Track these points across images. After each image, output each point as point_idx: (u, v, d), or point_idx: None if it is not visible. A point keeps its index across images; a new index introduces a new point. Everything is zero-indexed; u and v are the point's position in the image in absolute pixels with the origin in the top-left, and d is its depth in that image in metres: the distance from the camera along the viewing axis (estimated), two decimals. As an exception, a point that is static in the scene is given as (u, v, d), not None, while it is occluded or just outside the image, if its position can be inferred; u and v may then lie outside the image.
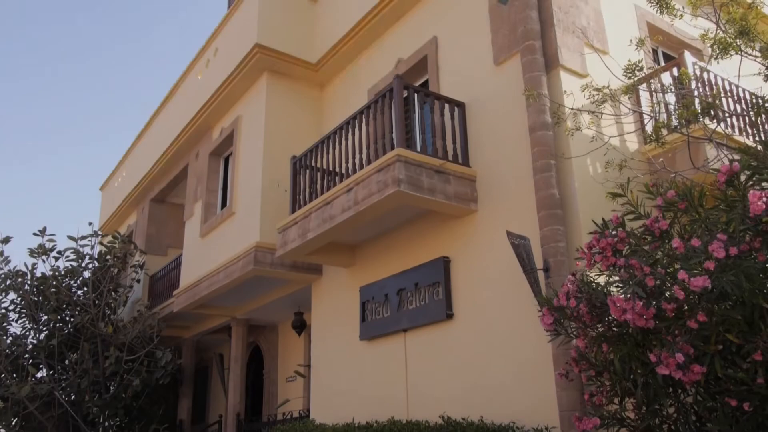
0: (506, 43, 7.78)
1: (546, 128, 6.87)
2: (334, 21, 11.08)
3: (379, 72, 10.07)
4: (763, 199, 3.55)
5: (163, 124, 15.30)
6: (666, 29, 8.58)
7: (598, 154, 6.85)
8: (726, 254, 3.48)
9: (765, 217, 3.55)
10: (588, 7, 7.90)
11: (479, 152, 7.87)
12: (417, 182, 7.30)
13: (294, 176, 9.44)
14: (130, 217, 17.90)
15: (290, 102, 11.29)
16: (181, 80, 14.36)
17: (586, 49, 7.56)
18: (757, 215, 3.56)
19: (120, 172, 18.50)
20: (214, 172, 12.91)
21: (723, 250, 3.48)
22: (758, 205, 3.52)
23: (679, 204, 4.13)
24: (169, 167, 15.07)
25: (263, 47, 10.85)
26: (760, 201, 3.54)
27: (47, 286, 13.76)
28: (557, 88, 7.13)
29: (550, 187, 6.66)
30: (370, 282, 9.04)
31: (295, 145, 10.72)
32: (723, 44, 6.09)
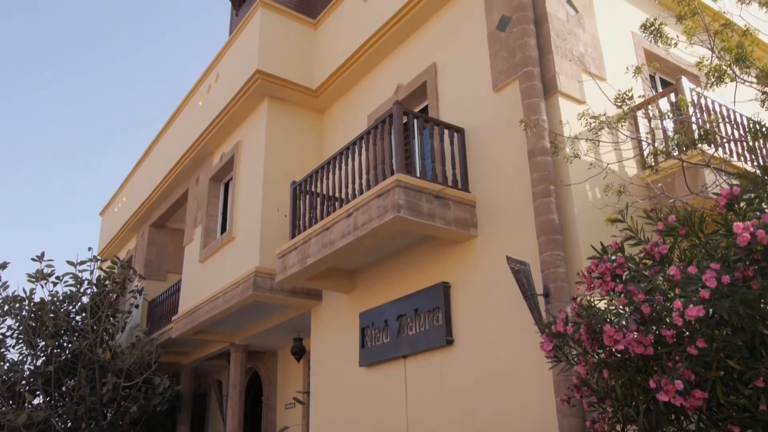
0: (505, 69, 7.85)
1: (545, 154, 6.90)
2: (335, 47, 11.18)
3: (379, 98, 10.14)
4: (750, 229, 3.56)
5: (163, 149, 15.36)
6: (663, 56, 8.66)
7: (597, 180, 6.87)
8: (718, 283, 3.49)
9: (757, 247, 3.56)
10: (585, 35, 7.98)
11: (479, 177, 7.90)
12: (417, 207, 7.31)
13: (294, 201, 9.45)
14: (129, 242, 17.89)
15: (290, 127, 11.35)
16: (182, 106, 14.45)
17: (584, 75, 7.63)
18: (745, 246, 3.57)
19: (120, 197, 18.53)
20: (215, 197, 12.93)
21: (715, 280, 3.49)
22: (744, 237, 3.54)
23: (680, 229, 4.14)
24: (170, 192, 15.09)
25: (264, 73, 10.94)
26: (746, 232, 3.55)
27: (45, 311, 13.71)
28: (555, 113, 7.18)
29: (549, 212, 6.67)
30: (370, 308, 9.00)
31: (295, 170, 10.75)
32: (719, 72, 6.15)
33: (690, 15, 6.49)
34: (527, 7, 7.65)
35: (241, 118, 11.94)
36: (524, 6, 7.65)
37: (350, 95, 11.10)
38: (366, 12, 10.49)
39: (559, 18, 7.75)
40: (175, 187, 14.79)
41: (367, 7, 10.53)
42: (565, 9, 7.91)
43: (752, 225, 3.58)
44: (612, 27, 8.47)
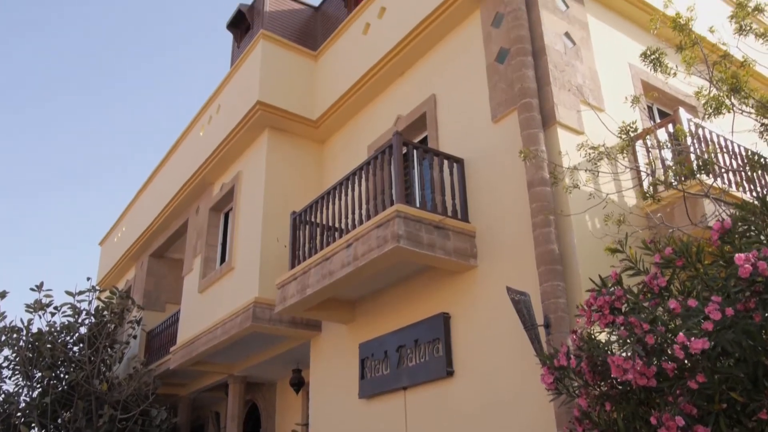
0: (503, 100, 7.91)
1: (544, 184, 6.92)
2: (335, 79, 11.29)
3: (379, 128, 10.21)
4: (751, 260, 3.55)
5: (164, 179, 15.41)
6: (660, 86, 8.74)
7: (596, 210, 6.88)
8: (722, 316, 3.47)
9: (758, 278, 3.55)
10: (583, 66, 8.06)
11: (478, 208, 7.91)
12: (416, 238, 7.30)
13: (294, 231, 9.45)
14: (128, 272, 17.85)
15: (291, 158, 11.40)
16: (183, 136, 14.54)
17: (582, 106, 7.68)
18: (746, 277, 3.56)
19: (120, 227, 18.54)
20: (214, 227, 12.94)
21: (719, 312, 3.47)
22: (746, 268, 3.53)
23: (677, 261, 4.13)
24: (169, 222, 15.10)
25: (265, 104, 11.03)
26: (747, 264, 3.54)
27: (42, 342, 13.60)
28: (554, 144, 7.22)
29: (549, 242, 6.67)
30: (370, 338, 8.94)
31: (295, 200, 10.78)
32: (717, 102, 6.19)
33: (689, 45, 6.55)
34: (525, 39, 7.74)
35: (241, 148, 12.01)
36: (522, 39, 7.74)
37: (350, 126, 11.17)
38: (366, 44, 10.62)
39: (556, 50, 7.83)
40: (175, 217, 14.81)
41: (367, 40, 10.66)
42: (562, 41, 8.00)
43: (753, 256, 3.57)
44: (609, 59, 8.55)
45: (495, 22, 8.40)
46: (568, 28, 8.21)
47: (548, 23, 7.95)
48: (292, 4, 13.72)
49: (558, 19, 8.13)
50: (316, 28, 13.57)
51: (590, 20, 8.64)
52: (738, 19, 6.53)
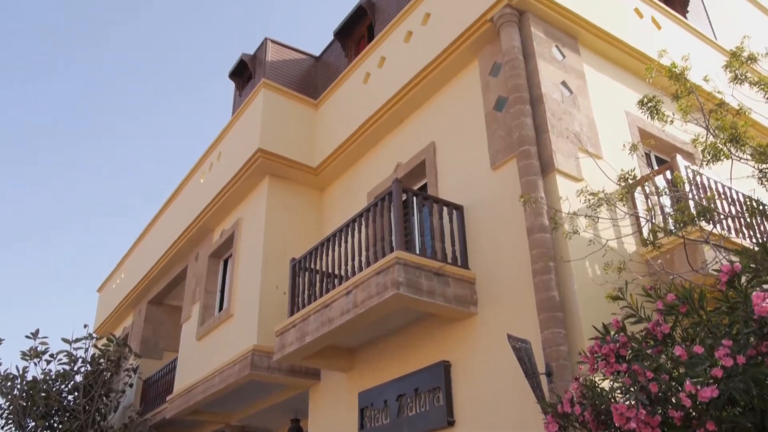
0: (502, 147, 7.98)
1: (544, 231, 6.93)
2: (335, 127, 11.41)
3: (379, 175, 10.27)
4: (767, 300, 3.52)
5: (164, 226, 15.43)
6: (657, 134, 8.82)
7: (596, 256, 6.87)
8: (734, 362, 3.41)
9: None
10: (581, 114, 8.16)
11: (478, 255, 7.90)
12: (416, 285, 7.27)
13: (293, 278, 9.42)
14: (126, 319, 17.70)
15: (290, 205, 11.45)
16: (184, 183, 14.62)
17: (581, 153, 7.75)
18: (763, 317, 3.52)
19: (118, 274, 18.47)
20: (214, 274, 12.89)
21: (730, 358, 3.42)
22: (763, 307, 3.49)
23: (680, 308, 4.10)
24: (169, 269, 15.06)
25: (265, 152, 11.13)
26: (764, 302, 3.51)
27: (36, 390, 13.41)
28: (553, 191, 7.25)
29: (549, 289, 6.64)
30: (369, 387, 8.82)
31: (294, 247, 10.77)
32: (714, 150, 6.25)
33: (685, 94, 6.64)
34: (523, 88, 7.86)
35: (241, 195, 12.06)
36: (520, 87, 7.86)
37: (350, 173, 11.24)
38: (366, 93, 10.77)
39: (554, 99, 7.94)
40: (175, 264, 14.77)
41: (367, 89, 10.82)
42: (560, 90, 8.12)
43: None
44: (606, 107, 8.66)
45: (493, 71, 8.54)
46: (565, 77, 8.34)
47: (545, 72, 8.08)
48: (293, 54, 13.96)
49: (555, 69, 8.27)
50: (316, 77, 13.78)
51: (586, 69, 8.78)
52: (733, 69, 6.64)
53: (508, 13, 8.34)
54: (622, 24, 9.41)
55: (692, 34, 10.87)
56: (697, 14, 11.98)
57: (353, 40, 13.14)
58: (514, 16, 8.37)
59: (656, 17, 10.26)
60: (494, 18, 8.45)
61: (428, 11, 9.88)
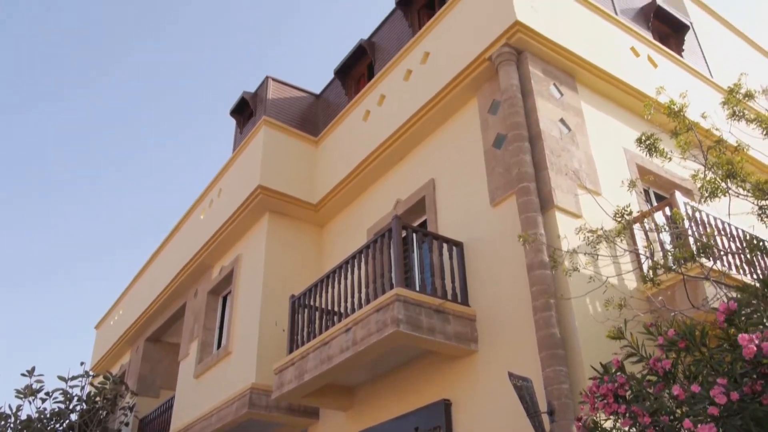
0: (501, 184, 8.01)
1: (544, 267, 6.91)
2: (335, 163, 11.47)
3: (379, 212, 10.29)
4: (755, 341, 3.50)
5: (163, 262, 15.40)
6: (656, 170, 8.87)
7: (597, 293, 6.84)
8: (728, 400, 3.39)
9: (764, 360, 3.48)
10: (579, 151, 8.21)
11: (478, 291, 7.86)
12: (416, 322, 7.23)
13: (292, 315, 9.36)
14: (124, 356, 17.54)
15: (290, 241, 11.44)
16: (184, 220, 14.63)
17: (579, 190, 7.77)
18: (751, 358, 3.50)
19: (116, 311, 18.37)
20: (213, 311, 12.82)
21: (724, 396, 3.39)
22: (750, 348, 3.48)
23: (679, 343, 4.07)
24: (167, 306, 14.98)
25: (266, 188, 11.17)
26: (751, 344, 3.49)
27: (31, 429, 13.22)
28: (553, 227, 7.26)
29: (550, 326, 6.60)
30: (369, 426, 8.69)
31: (294, 283, 10.73)
32: (712, 186, 6.26)
33: (684, 131, 6.68)
34: (521, 126, 7.93)
35: (241, 231, 12.07)
36: (518, 125, 7.92)
37: (350, 210, 11.27)
38: (366, 130, 10.86)
39: (552, 136, 8.00)
40: (173, 301, 14.70)
41: (367, 126, 10.91)
42: (558, 127, 8.19)
43: (757, 337, 3.52)
44: (604, 144, 8.72)
45: (492, 109, 8.62)
46: (563, 114, 8.41)
47: (543, 110, 8.15)
48: (293, 92, 14.11)
49: (553, 107, 8.35)
50: (317, 114, 13.91)
51: (584, 107, 8.87)
52: (730, 106, 6.69)
53: (506, 52, 8.45)
54: (618, 62, 9.54)
55: (688, 72, 11.01)
56: (693, 52, 12.15)
57: (353, 79, 13.29)
58: (512, 55, 8.48)
59: (652, 56, 10.40)
60: (492, 57, 8.56)
61: (427, 50, 10.02)
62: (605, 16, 10.05)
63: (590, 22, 9.71)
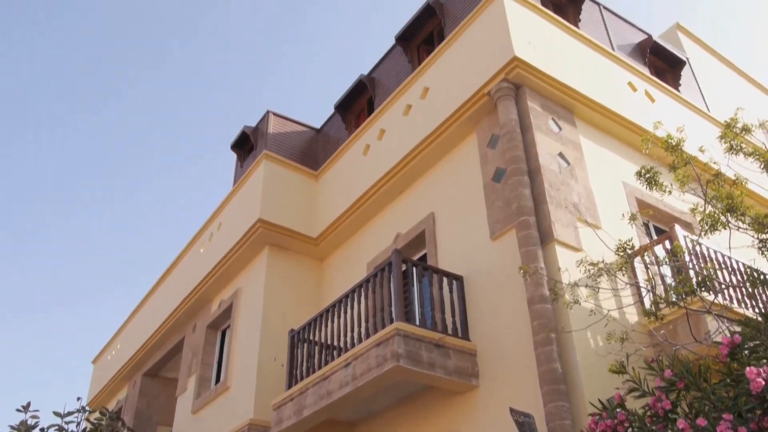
0: (501, 218, 8.02)
1: (544, 301, 6.89)
2: (335, 197, 11.50)
3: (378, 246, 10.28)
4: (762, 375, 3.46)
5: (161, 296, 15.32)
6: (655, 204, 8.88)
7: (598, 327, 6.80)
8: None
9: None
10: (578, 185, 8.24)
11: (479, 325, 7.82)
12: (416, 357, 7.17)
13: (291, 350, 9.29)
14: (120, 391, 17.35)
15: (290, 275, 11.41)
16: (183, 254, 14.60)
17: (579, 223, 7.78)
18: (758, 393, 3.46)
19: (114, 345, 18.23)
20: (211, 345, 12.72)
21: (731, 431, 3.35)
22: (758, 382, 3.44)
23: (678, 383, 4.03)
24: (165, 340, 14.86)
25: (266, 222, 11.17)
26: (759, 377, 3.45)
27: (26, 466, 13.00)
28: (553, 261, 7.24)
29: (551, 361, 6.54)
30: (369, 463, 8.57)
31: (293, 317, 10.67)
32: (712, 220, 6.27)
33: (682, 165, 6.72)
34: (520, 159, 7.97)
35: (241, 265, 12.04)
36: (518, 159, 7.97)
37: (350, 243, 11.26)
38: (366, 164, 10.91)
39: (551, 170, 8.04)
40: (172, 335, 14.59)
41: (367, 160, 10.96)
42: (557, 161, 8.23)
43: (765, 372, 3.48)
44: (603, 178, 8.75)
45: (491, 143, 8.68)
46: (562, 148, 8.46)
47: (542, 144, 8.21)
48: (294, 126, 14.19)
49: (552, 141, 8.40)
50: (317, 148, 13.98)
51: (583, 141, 8.93)
52: (727, 140, 6.73)
53: (504, 87, 8.54)
54: (616, 97, 9.63)
55: (685, 106, 11.12)
56: (690, 87, 12.28)
57: (353, 113, 13.40)
58: (510, 90, 8.57)
59: (649, 90, 10.51)
60: (491, 92, 8.65)
61: (427, 85, 10.12)
62: (602, 52, 10.19)
63: (587, 58, 9.84)
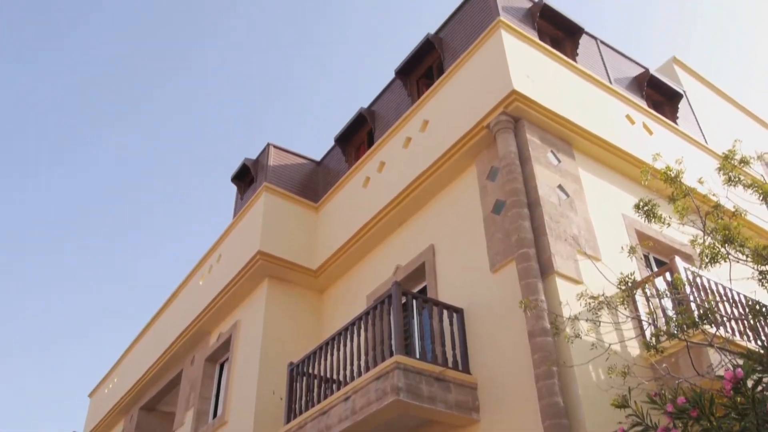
0: (501, 250, 8.02)
1: (545, 334, 6.84)
2: (335, 229, 11.51)
3: (378, 278, 10.25)
4: None
5: (160, 329, 15.23)
6: (655, 236, 8.89)
7: (600, 360, 6.74)
8: None
9: None
10: (578, 217, 8.25)
11: (479, 358, 7.76)
12: (417, 390, 7.10)
13: (290, 383, 9.20)
14: (117, 425, 17.14)
15: (289, 307, 11.36)
16: (182, 286, 14.55)
17: (579, 256, 7.77)
18: None
19: (111, 378, 18.07)
20: (209, 378, 12.61)
21: None
22: None
23: (691, 411, 3.99)
24: (163, 373, 14.73)
25: (265, 254, 11.16)
26: None
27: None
28: (554, 293, 7.22)
29: (553, 394, 6.48)
30: (368, 500, 8.41)
31: (293, 350, 10.59)
32: (712, 252, 6.26)
33: (681, 196, 6.73)
34: (520, 192, 7.99)
35: (240, 297, 11.99)
36: (517, 191, 7.99)
37: (350, 275, 11.23)
38: (366, 196, 10.94)
39: (551, 202, 8.05)
40: (170, 368, 14.47)
41: (366, 192, 10.99)
42: (556, 194, 8.25)
43: None
44: (603, 210, 8.77)
45: (490, 175, 8.71)
46: (561, 181, 8.49)
47: (542, 176, 8.24)
48: (294, 159, 14.27)
49: (551, 173, 8.43)
50: (317, 180, 14.03)
51: (582, 173, 8.96)
52: (726, 172, 6.76)
53: (503, 120, 8.61)
54: (614, 130, 9.70)
55: (683, 138, 11.19)
56: (687, 119, 12.37)
57: (353, 146, 13.48)
58: (509, 123, 8.63)
59: (647, 123, 10.59)
60: (490, 125, 8.71)
61: (426, 118, 10.20)
62: (600, 85, 10.29)
63: (585, 91, 9.93)
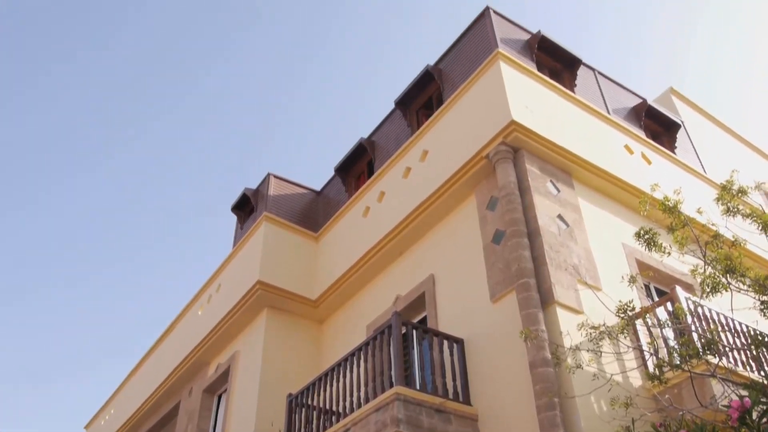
0: (501, 280, 7.99)
1: (546, 365, 6.79)
2: (335, 259, 11.48)
3: (378, 308, 10.20)
4: None
5: (157, 360, 15.11)
6: (656, 265, 8.86)
7: (602, 391, 6.68)
8: None
9: None
10: (578, 247, 8.24)
11: (480, 389, 7.68)
12: (417, 422, 7.02)
13: (289, 415, 9.10)
14: (113, 459, 16.92)
15: (289, 337, 11.29)
16: (180, 316, 14.47)
17: (579, 285, 7.74)
18: None
19: (108, 410, 17.87)
20: (207, 410, 12.47)
21: None
22: None
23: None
24: (160, 405, 14.58)
25: (265, 284, 11.12)
26: None
27: None
28: (554, 323, 7.18)
29: (555, 426, 6.41)
30: None
31: (292, 381, 10.50)
32: (713, 282, 6.24)
33: (680, 226, 6.74)
34: (520, 222, 8.00)
35: (239, 327, 11.92)
36: (517, 221, 8.00)
37: (349, 305, 11.18)
38: (366, 226, 10.94)
39: (551, 232, 8.05)
40: (167, 399, 14.32)
41: (366, 222, 11.00)
42: (556, 223, 8.25)
43: None
44: (603, 239, 8.76)
45: (490, 205, 8.72)
46: (561, 210, 8.50)
47: (541, 206, 8.25)
48: (294, 188, 14.30)
49: (550, 203, 8.45)
50: (317, 210, 14.04)
51: (581, 203, 8.98)
52: (724, 201, 6.78)
53: (503, 150, 8.65)
54: (613, 160, 9.75)
55: (682, 168, 11.23)
56: (685, 149, 12.43)
57: (353, 176, 13.52)
58: (509, 153, 8.67)
59: (646, 153, 10.64)
60: (490, 155, 8.75)
61: (426, 148, 10.25)
62: (598, 116, 10.36)
63: (584, 121, 10.00)
